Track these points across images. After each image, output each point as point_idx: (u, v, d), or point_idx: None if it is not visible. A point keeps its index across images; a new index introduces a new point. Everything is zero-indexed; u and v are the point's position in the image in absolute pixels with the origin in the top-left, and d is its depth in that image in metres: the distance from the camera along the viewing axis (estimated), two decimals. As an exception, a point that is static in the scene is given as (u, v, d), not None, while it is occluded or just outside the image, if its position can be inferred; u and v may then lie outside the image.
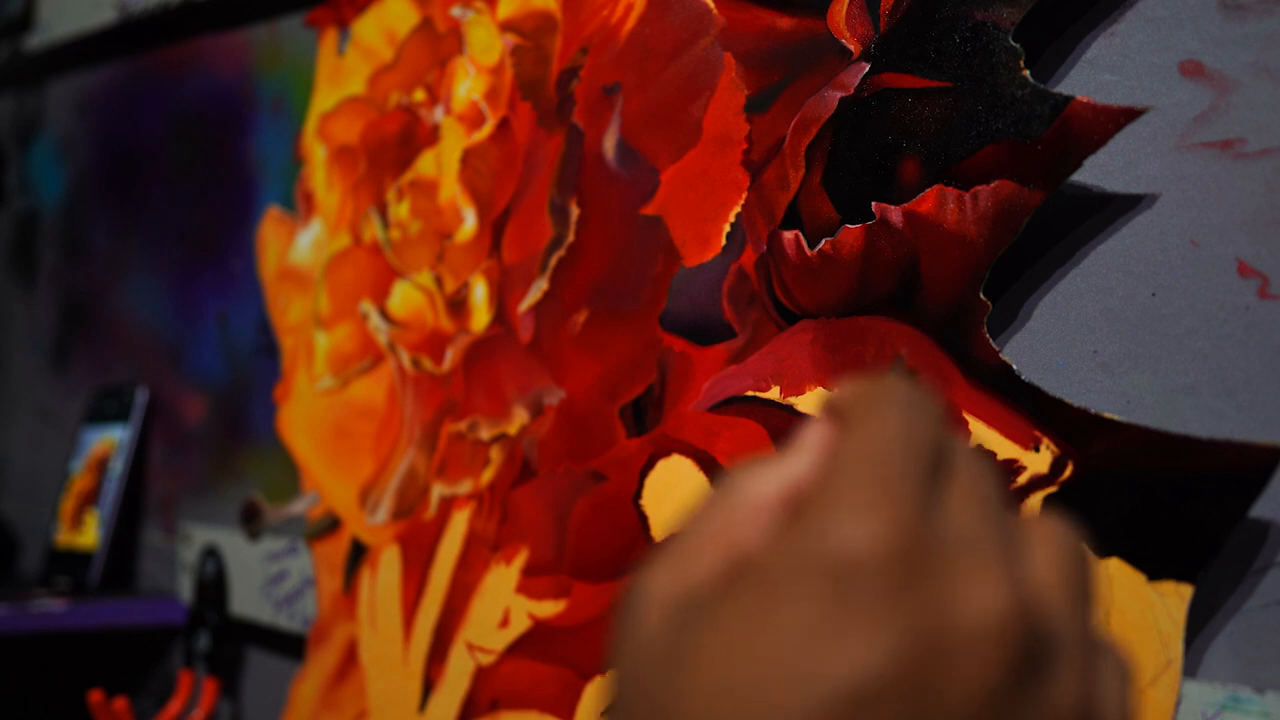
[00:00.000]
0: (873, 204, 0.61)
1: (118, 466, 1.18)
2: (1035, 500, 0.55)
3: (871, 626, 0.24)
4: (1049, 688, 0.25)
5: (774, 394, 0.66)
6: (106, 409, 1.23)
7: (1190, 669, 0.52)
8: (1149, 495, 0.52)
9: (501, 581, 0.80)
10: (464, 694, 0.82)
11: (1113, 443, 0.53)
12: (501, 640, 0.80)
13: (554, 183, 0.79)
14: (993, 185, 0.57)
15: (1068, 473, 0.54)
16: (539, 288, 0.79)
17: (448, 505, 0.86)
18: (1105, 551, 0.53)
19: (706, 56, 0.71)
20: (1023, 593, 0.25)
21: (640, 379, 0.73)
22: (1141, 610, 0.52)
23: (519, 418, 0.80)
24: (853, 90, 0.63)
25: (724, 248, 0.69)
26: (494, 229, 0.84)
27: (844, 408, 0.28)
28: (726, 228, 0.69)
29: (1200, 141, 0.53)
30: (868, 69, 0.62)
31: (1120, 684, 0.27)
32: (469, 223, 0.86)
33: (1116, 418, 0.53)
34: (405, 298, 0.90)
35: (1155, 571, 0.52)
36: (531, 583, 0.78)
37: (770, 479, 0.28)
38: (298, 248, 1.02)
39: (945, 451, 0.28)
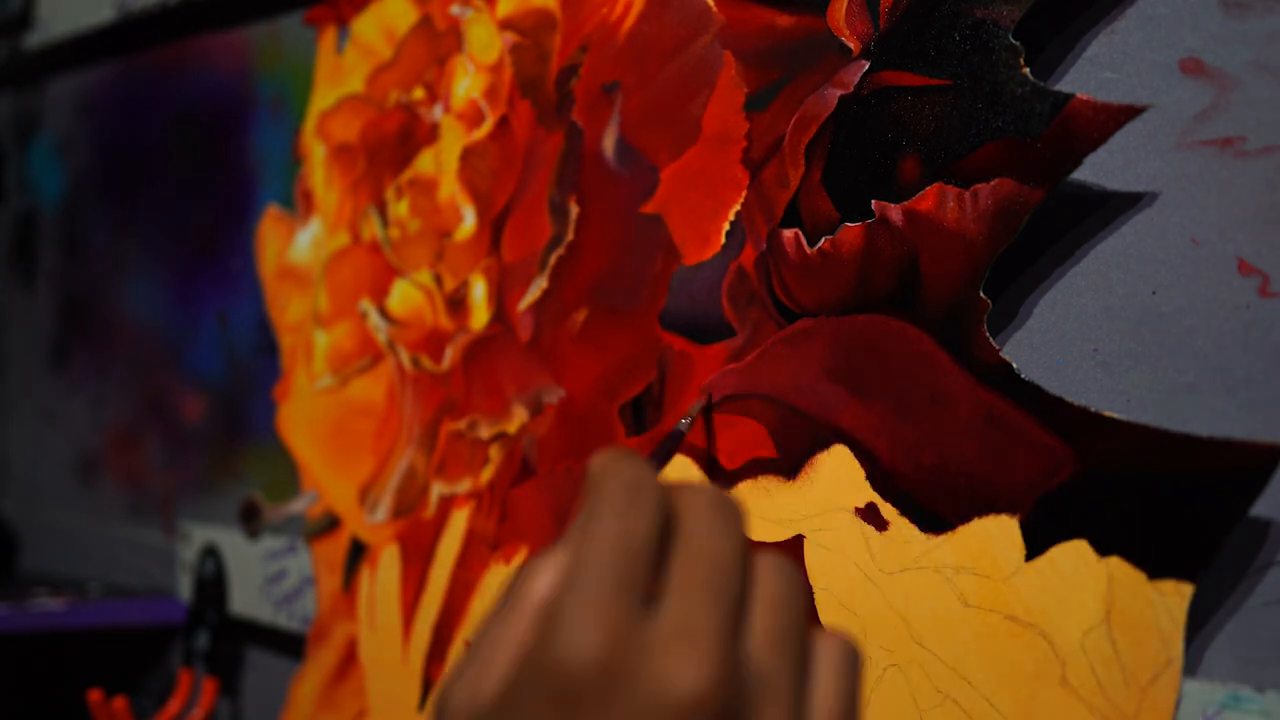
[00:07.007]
0: (872, 202, 0.61)
1: None
2: (1032, 501, 0.55)
3: None
4: None
5: (773, 392, 0.66)
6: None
7: (1191, 668, 0.52)
8: (1149, 494, 0.52)
9: (501, 580, 0.80)
10: (464, 693, 0.82)
11: (1113, 441, 0.53)
12: (501, 639, 0.79)
13: (553, 181, 0.79)
14: (993, 183, 0.57)
15: (1067, 472, 0.54)
16: (538, 286, 0.79)
17: (447, 504, 0.86)
18: (1105, 550, 0.53)
19: (706, 54, 0.70)
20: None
21: (640, 378, 0.73)
22: (1142, 609, 0.52)
23: (518, 416, 0.80)
24: (852, 88, 0.63)
25: (723, 246, 0.69)
26: (493, 227, 0.84)
27: (589, 491, 0.31)
28: (726, 226, 0.68)
29: (1201, 139, 0.53)
30: (867, 67, 0.62)
31: None
32: (468, 221, 0.85)
33: (1116, 416, 0.53)
34: (404, 296, 0.90)
35: (1155, 570, 0.52)
36: (531, 582, 0.78)
37: (544, 574, 0.31)
38: (297, 246, 1.02)
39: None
